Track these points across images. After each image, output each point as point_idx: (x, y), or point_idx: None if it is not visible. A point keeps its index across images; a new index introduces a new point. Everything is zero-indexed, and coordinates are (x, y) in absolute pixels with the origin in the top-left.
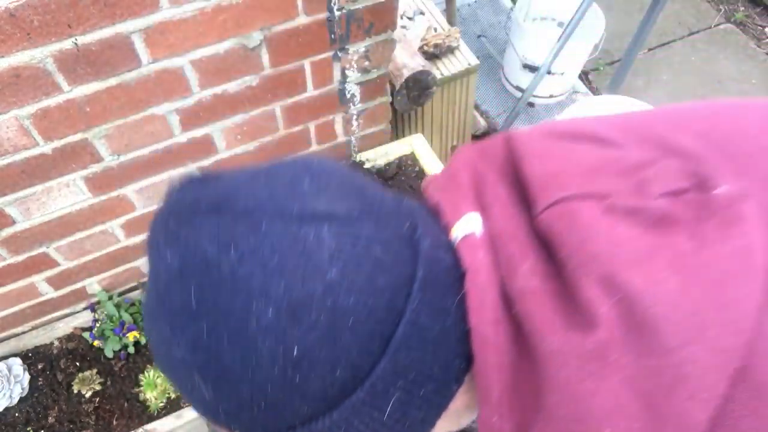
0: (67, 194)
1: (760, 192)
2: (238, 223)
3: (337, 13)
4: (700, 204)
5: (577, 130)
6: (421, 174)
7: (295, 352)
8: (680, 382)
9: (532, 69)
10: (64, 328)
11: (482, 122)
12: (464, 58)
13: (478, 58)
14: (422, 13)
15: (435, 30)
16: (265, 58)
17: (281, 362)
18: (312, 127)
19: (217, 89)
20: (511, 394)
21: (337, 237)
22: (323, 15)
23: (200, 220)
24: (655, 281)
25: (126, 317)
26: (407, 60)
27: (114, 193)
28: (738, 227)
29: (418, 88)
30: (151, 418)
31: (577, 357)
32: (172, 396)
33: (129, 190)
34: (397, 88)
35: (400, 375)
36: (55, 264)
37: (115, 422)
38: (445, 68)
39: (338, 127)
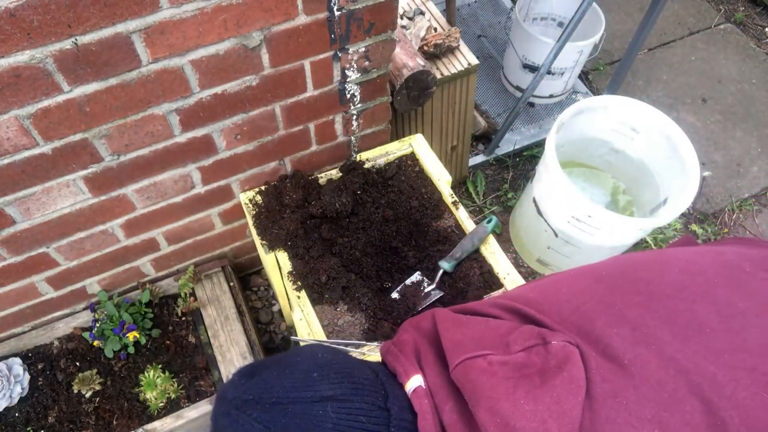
0: (67, 194)
1: (576, 339)
2: (274, 408)
3: (337, 13)
4: (543, 353)
5: (475, 309)
6: (421, 174)
7: None
8: None
9: (532, 69)
10: (64, 328)
11: (482, 122)
12: (464, 58)
13: (478, 58)
14: (422, 13)
15: (435, 30)
16: (265, 58)
17: None
18: (312, 127)
19: (217, 89)
20: None
21: (337, 412)
22: (323, 15)
23: (250, 410)
24: (517, 406)
25: (126, 317)
26: (407, 60)
27: (114, 193)
28: (568, 364)
29: (418, 88)
30: (151, 418)
31: None
32: (172, 396)
33: (129, 190)
34: (397, 88)
35: None
36: (55, 264)
37: (115, 422)
38: (445, 68)
39: (338, 127)
